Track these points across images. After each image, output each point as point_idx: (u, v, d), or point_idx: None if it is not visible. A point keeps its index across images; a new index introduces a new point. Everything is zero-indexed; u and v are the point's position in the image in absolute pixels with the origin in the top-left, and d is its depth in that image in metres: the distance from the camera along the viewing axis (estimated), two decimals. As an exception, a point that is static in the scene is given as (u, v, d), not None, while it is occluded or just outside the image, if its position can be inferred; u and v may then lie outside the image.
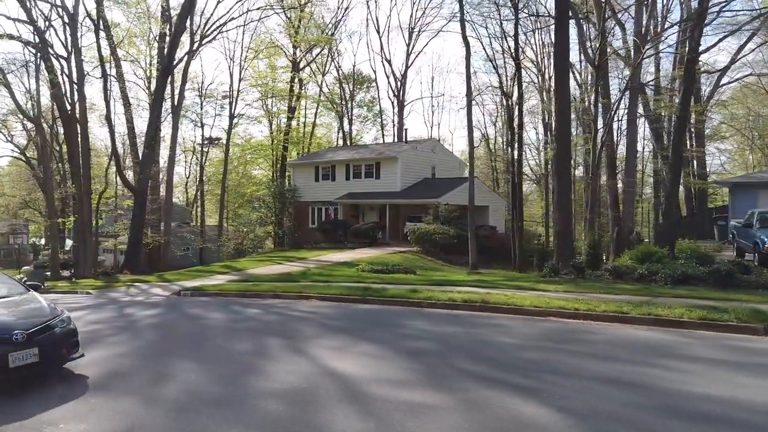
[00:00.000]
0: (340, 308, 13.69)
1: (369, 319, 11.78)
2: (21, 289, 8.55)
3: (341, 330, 10.38)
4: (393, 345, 8.85)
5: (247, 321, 11.81)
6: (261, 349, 8.89)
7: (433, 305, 13.27)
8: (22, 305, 7.95)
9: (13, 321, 7.30)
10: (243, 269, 27.04)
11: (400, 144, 41.12)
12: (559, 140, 23.52)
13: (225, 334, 10.29)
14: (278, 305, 14.56)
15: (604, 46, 26.18)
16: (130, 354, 8.82)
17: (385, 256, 28.95)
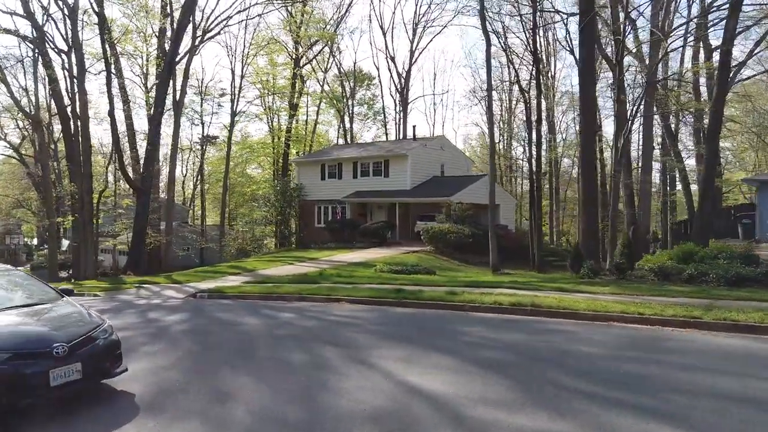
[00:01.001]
0: (378, 312, 12.86)
1: (416, 324, 10.96)
2: (53, 295, 7.65)
3: (395, 337, 9.55)
4: (464, 355, 8.03)
5: (286, 327, 10.94)
6: (319, 360, 8.04)
7: (477, 309, 12.46)
8: (58, 313, 7.07)
9: (52, 332, 6.43)
10: (254, 270, 26.16)
11: (408, 141, 40.28)
12: (585, 138, 22.84)
13: (269, 342, 9.44)
14: (310, 309, 13.71)
15: (623, 42, 25.42)
16: (174, 366, 7.95)
17: (400, 256, 28.15)
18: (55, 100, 39.57)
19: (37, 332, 6.35)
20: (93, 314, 7.22)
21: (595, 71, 23.64)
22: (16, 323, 6.51)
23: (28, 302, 7.15)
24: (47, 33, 33.88)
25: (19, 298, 7.29)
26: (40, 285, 7.94)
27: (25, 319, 6.66)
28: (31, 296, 7.43)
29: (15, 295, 7.42)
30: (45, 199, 37.96)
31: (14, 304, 7.03)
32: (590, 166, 22.52)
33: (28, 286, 7.75)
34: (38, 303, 7.20)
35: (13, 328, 6.35)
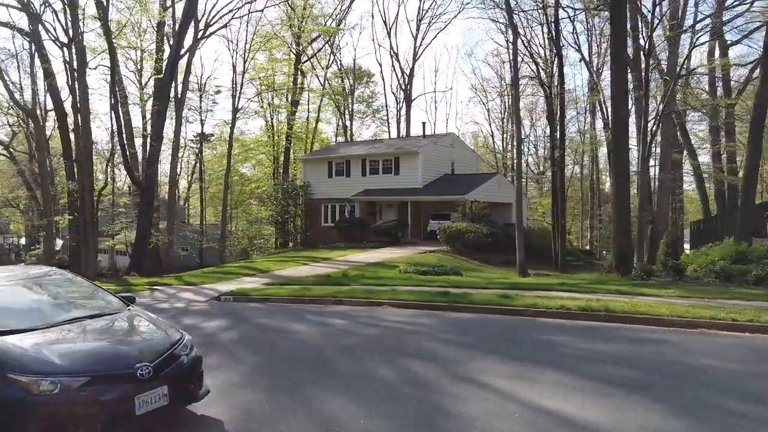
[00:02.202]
0: (434, 317, 11.90)
1: (488, 332, 10.05)
2: (117, 302, 6.61)
3: (480, 348, 8.60)
4: (582, 372, 7.12)
5: (346, 335, 9.98)
6: (413, 376, 7.10)
7: (543, 314, 11.55)
8: (131, 326, 6.07)
9: (131, 349, 5.43)
10: (268, 271, 25.10)
11: (418, 138, 39.34)
12: (616, 135, 22.06)
13: (340, 353, 8.47)
14: (356, 314, 12.75)
15: (652, 34, 24.72)
16: (248, 384, 6.97)
17: (417, 256, 27.24)
18: (51, 94, 38.25)
19: (116, 350, 5.35)
20: (169, 326, 6.22)
21: (626, 68, 22.80)
22: (89, 339, 5.51)
23: (93, 312, 6.13)
24: (46, 22, 32.54)
25: (81, 308, 6.28)
26: (98, 290, 6.91)
27: (98, 334, 5.66)
28: (93, 305, 6.40)
29: (76, 303, 6.41)
30: (43, 197, 36.60)
31: (79, 315, 6.01)
32: (624, 168, 21.71)
33: (86, 292, 6.73)
34: (104, 313, 6.17)
35: (87, 346, 5.36)
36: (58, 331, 5.51)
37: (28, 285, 6.39)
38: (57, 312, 6.00)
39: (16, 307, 5.94)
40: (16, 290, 6.22)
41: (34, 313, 5.89)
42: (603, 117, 48.16)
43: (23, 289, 6.30)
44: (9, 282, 6.34)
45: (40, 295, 6.34)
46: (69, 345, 5.29)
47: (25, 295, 6.21)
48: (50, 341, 5.29)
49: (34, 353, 5.00)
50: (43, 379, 4.78)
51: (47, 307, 6.15)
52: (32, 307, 6.05)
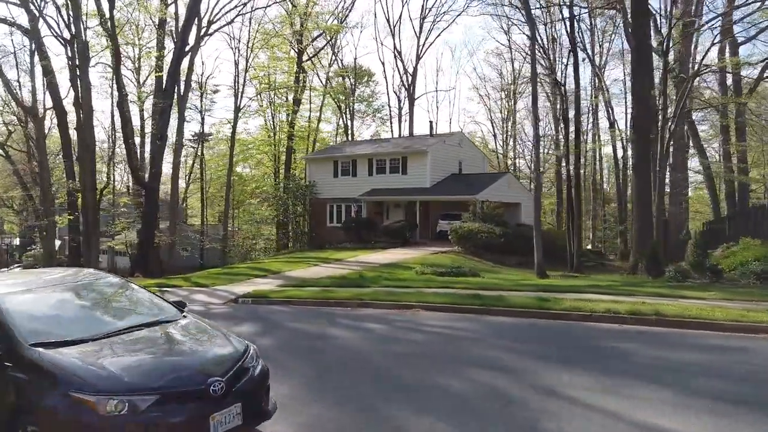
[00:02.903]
0: (472, 321, 11.39)
1: (542, 337, 9.56)
2: (172, 309, 6.04)
3: (545, 357, 8.04)
4: (677, 385, 6.57)
5: (392, 342, 9.45)
6: (488, 389, 6.58)
7: (588, 318, 11.05)
8: (192, 335, 5.50)
9: (200, 362, 4.88)
10: (280, 272, 24.53)
11: (425, 137, 38.81)
12: (639, 131, 21.65)
13: (396, 362, 7.94)
14: (389, 317, 12.23)
15: (670, 30, 24.30)
16: (311, 398, 6.42)
17: (430, 257, 26.75)
18: (51, 92, 37.56)
19: (185, 363, 4.79)
20: (230, 334, 5.67)
21: (651, 59, 22.36)
22: (152, 351, 4.96)
23: (149, 320, 5.56)
24: (47, 16, 31.79)
25: (136, 315, 5.71)
26: (149, 295, 6.34)
27: (160, 345, 5.11)
28: (147, 311, 5.83)
29: (129, 310, 5.85)
30: (43, 196, 35.86)
31: (135, 322, 5.43)
32: (646, 166, 21.28)
33: (137, 297, 6.15)
34: (161, 320, 5.60)
35: (152, 359, 4.80)
36: (117, 341, 4.97)
37: (76, 290, 5.81)
38: (111, 320, 5.45)
39: (68, 315, 5.40)
40: (64, 296, 5.66)
41: (88, 322, 5.33)
42: (608, 116, 47.93)
43: (72, 294, 5.73)
44: (55, 287, 5.77)
45: (91, 301, 5.77)
46: (132, 358, 4.74)
47: (74, 302, 5.65)
48: (111, 353, 4.74)
49: (96, 368, 4.45)
50: (111, 397, 4.24)
51: (100, 314, 5.61)
52: (84, 315, 5.49)
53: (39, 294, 5.52)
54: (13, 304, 5.12)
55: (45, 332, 4.92)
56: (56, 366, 4.45)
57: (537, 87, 22.01)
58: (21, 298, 5.32)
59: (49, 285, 5.73)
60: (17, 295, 5.32)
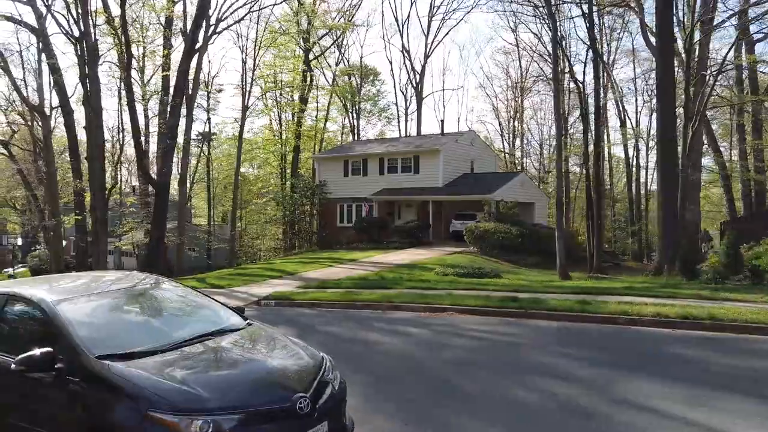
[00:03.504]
0: (514, 325, 10.97)
1: (597, 343, 9.13)
2: (235, 316, 5.59)
3: (614, 364, 7.58)
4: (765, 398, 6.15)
5: (439, 347, 9.00)
6: (562, 401, 6.14)
7: (635, 322, 10.60)
8: (266, 345, 5.06)
9: (282, 376, 4.46)
10: (295, 272, 24.14)
11: (437, 136, 38.34)
12: (664, 131, 21.20)
13: (449, 370, 7.51)
14: (425, 321, 11.83)
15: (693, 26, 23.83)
16: (374, 411, 5.99)
17: (446, 258, 26.32)
18: (57, 91, 37.16)
19: (266, 378, 4.36)
20: (302, 342, 5.23)
21: (673, 56, 21.93)
22: (228, 364, 4.53)
23: (215, 328, 5.11)
24: (55, 12, 31.34)
25: (200, 322, 5.27)
26: (209, 300, 5.89)
27: (235, 357, 4.67)
28: (210, 318, 5.38)
29: (192, 317, 5.41)
30: (50, 196, 35.40)
31: (200, 331, 4.98)
32: (672, 165, 20.85)
33: (197, 303, 5.70)
34: (227, 329, 5.14)
35: (231, 372, 4.37)
36: (188, 353, 4.53)
37: (134, 295, 5.38)
38: (177, 328, 5.00)
39: (131, 323, 4.98)
40: (123, 302, 5.23)
41: (153, 331, 4.91)
42: (619, 115, 47.55)
43: (131, 300, 5.30)
44: (112, 292, 5.33)
45: (152, 308, 5.35)
46: (209, 372, 4.31)
47: (135, 308, 5.23)
48: (185, 367, 4.31)
49: (174, 384, 4.01)
50: (194, 417, 3.80)
51: (164, 322, 5.17)
52: (148, 323, 5.08)
53: (96, 300, 5.08)
54: (71, 312, 4.69)
55: (110, 343, 4.49)
56: (129, 381, 4.01)
57: (559, 84, 21.55)
58: (78, 305, 4.89)
59: (105, 290, 5.29)
60: (74, 302, 4.89)
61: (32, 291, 5.02)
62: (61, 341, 4.40)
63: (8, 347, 4.77)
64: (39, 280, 6.06)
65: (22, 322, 5.08)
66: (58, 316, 4.58)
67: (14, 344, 4.79)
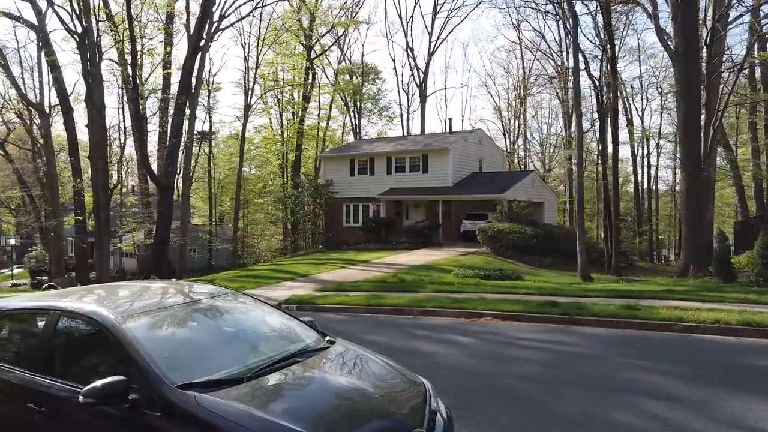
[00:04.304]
0: (565, 333, 10.38)
1: (661, 353, 8.54)
2: (313, 333, 4.93)
3: (707, 380, 6.99)
4: None
5: (504, 361, 8.31)
6: (677, 427, 5.51)
7: (693, 329, 10.02)
8: (363, 369, 4.41)
9: (390, 408, 3.82)
10: (307, 274, 23.48)
11: (445, 135, 37.73)
12: (689, 129, 20.67)
13: (527, 386, 6.88)
14: (468, 328, 11.23)
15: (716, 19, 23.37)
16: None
17: (460, 258, 25.72)
18: (57, 88, 36.37)
19: (375, 409, 3.72)
20: (396, 365, 4.59)
21: (698, 48, 21.39)
22: (329, 392, 3.88)
23: (297, 348, 4.45)
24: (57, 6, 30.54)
25: (280, 341, 4.62)
26: (279, 314, 5.24)
27: (333, 384, 4.02)
28: (289, 336, 4.73)
29: (271, 335, 4.76)
30: (51, 196, 34.61)
31: (284, 352, 4.31)
32: (696, 163, 20.32)
33: (269, 318, 5.01)
34: (310, 348, 4.48)
35: (335, 404, 3.73)
36: (280, 380, 3.88)
37: (200, 310, 4.71)
38: (255, 349, 4.36)
39: (205, 345, 4.31)
40: (190, 319, 4.57)
41: (231, 353, 4.25)
42: (626, 114, 47.02)
43: (199, 316, 4.64)
44: (177, 307, 4.66)
45: (224, 325, 4.67)
46: (310, 404, 3.66)
47: (205, 326, 4.57)
48: (281, 397, 3.69)
49: (279, 420, 3.36)
50: None
51: (239, 341, 4.52)
52: (224, 344, 4.41)
53: (162, 317, 4.42)
54: (140, 332, 4.04)
55: (189, 368, 3.84)
56: (226, 418, 3.36)
57: (579, 82, 20.99)
58: (145, 323, 4.23)
59: (167, 305, 4.62)
60: (139, 319, 4.23)
61: (89, 307, 4.36)
62: (133, 367, 3.74)
63: (66, 374, 4.12)
64: (82, 292, 5.38)
65: (80, 343, 4.43)
66: (126, 336, 3.92)
67: (73, 371, 4.15)
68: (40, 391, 4.10)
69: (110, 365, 3.97)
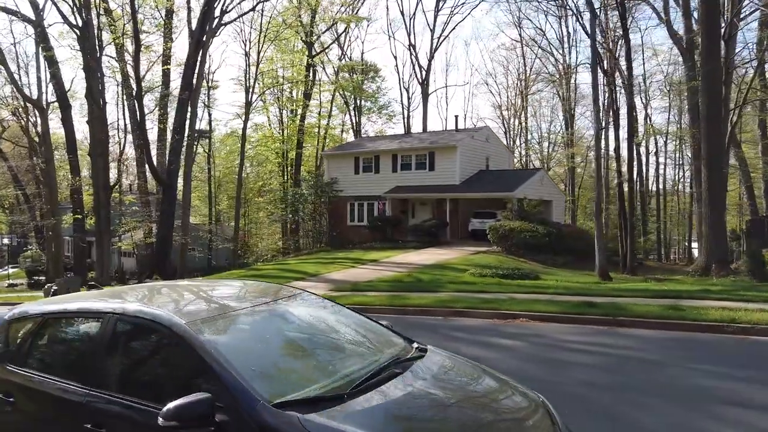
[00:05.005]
0: (612, 335, 9.84)
1: (724, 357, 8.02)
2: (399, 339, 4.33)
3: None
4: None
5: (567, 366, 7.76)
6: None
7: (747, 331, 9.51)
8: (471, 383, 3.82)
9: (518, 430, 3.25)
10: (317, 274, 22.88)
11: (451, 132, 37.18)
12: (711, 123, 20.17)
13: (631, 402, 6.28)
14: (507, 329, 10.69)
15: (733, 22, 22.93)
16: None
17: (472, 258, 25.18)
18: (54, 84, 35.59)
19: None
20: (503, 377, 4.01)
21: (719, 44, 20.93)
22: (445, 412, 3.29)
23: (387, 357, 3.81)
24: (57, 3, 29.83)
25: (368, 350, 4.02)
26: (357, 316, 4.65)
27: (445, 402, 3.42)
28: (375, 343, 4.11)
29: (358, 342, 4.16)
30: (50, 194, 33.83)
31: (376, 363, 3.65)
32: (717, 158, 19.88)
33: (350, 322, 4.41)
34: (405, 358, 3.87)
35: (460, 423, 3.14)
36: (389, 396, 3.28)
37: (279, 314, 4.10)
38: (346, 358, 3.75)
39: (289, 353, 3.72)
40: (270, 324, 3.95)
41: (322, 364, 3.64)
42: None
43: (277, 320, 4.02)
44: (250, 310, 4.03)
45: (307, 332, 4.06)
46: (432, 426, 3.09)
47: (287, 332, 3.95)
48: (394, 421, 3.10)
49: None
50: None
51: (327, 349, 3.93)
52: (309, 352, 3.81)
53: (238, 322, 3.82)
54: (218, 339, 3.44)
55: (280, 383, 3.26)
56: None
57: (597, 76, 20.48)
58: (221, 329, 3.63)
59: (240, 309, 4.00)
60: (214, 325, 3.62)
61: (153, 310, 3.72)
62: (216, 381, 3.14)
63: (126, 388, 3.51)
64: (135, 293, 4.72)
65: (143, 353, 3.82)
66: (203, 344, 3.31)
67: (136, 385, 3.54)
68: (100, 409, 3.49)
69: (183, 379, 3.38)
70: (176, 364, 3.48)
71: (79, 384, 3.65)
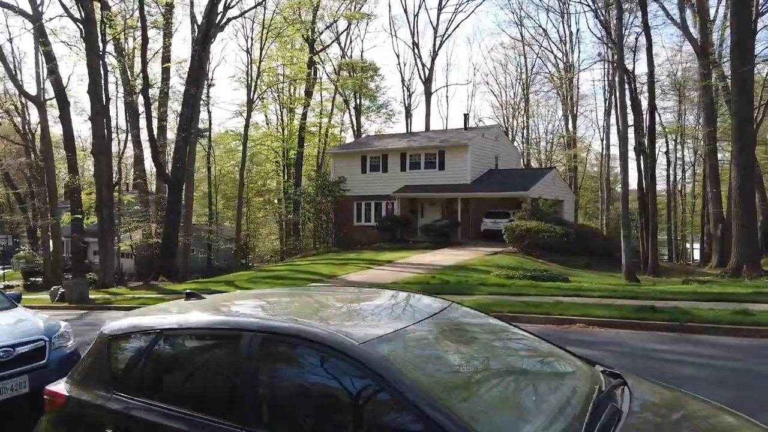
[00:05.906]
0: (695, 344, 9.18)
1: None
2: (579, 362, 3.62)
3: None
4: None
5: (680, 380, 7.11)
6: None
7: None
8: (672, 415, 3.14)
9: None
10: (333, 275, 22.23)
11: (461, 130, 36.57)
12: (741, 119, 19.67)
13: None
14: (574, 338, 9.97)
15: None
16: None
17: (489, 258, 24.64)
18: (53, 81, 34.56)
19: None
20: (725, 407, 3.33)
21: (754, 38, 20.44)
22: None
23: (589, 389, 3.07)
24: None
25: (565, 380, 3.28)
26: (522, 331, 3.94)
27: None
28: (564, 371, 3.39)
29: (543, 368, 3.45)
30: (49, 193, 32.84)
31: (576, 395, 2.95)
32: (749, 157, 19.37)
33: (517, 340, 3.71)
34: (605, 391, 3.15)
35: None
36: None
37: (454, 332, 3.39)
38: (550, 393, 3.00)
39: (489, 384, 3.00)
40: (449, 346, 3.23)
41: (528, 399, 2.93)
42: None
43: (454, 341, 3.31)
44: (419, 326, 3.26)
45: (487, 354, 3.35)
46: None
47: (473, 355, 3.24)
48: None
49: None
50: None
51: (526, 379, 3.20)
52: (508, 382, 3.10)
53: (414, 342, 3.06)
54: (406, 365, 2.73)
55: (497, 425, 2.56)
56: None
57: (624, 72, 19.91)
58: (401, 350, 2.90)
59: (409, 325, 3.23)
60: (390, 344, 2.88)
61: (313, 329, 2.97)
62: (419, 423, 2.43)
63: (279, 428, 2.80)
64: (264, 303, 3.98)
65: (304, 380, 3.05)
66: (392, 371, 2.59)
67: (299, 424, 2.84)
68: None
69: (364, 415, 2.67)
70: (348, 393, 2.77)
71: (224, 421, 2.92)
